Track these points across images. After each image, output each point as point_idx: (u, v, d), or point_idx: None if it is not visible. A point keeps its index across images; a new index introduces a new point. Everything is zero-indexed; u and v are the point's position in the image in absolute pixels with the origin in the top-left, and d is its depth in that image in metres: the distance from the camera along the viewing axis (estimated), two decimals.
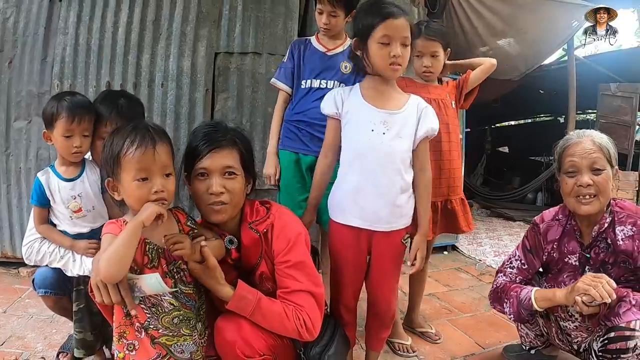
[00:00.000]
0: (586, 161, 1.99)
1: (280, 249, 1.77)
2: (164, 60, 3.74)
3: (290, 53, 2.73)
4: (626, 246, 1.99)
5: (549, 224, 2.24)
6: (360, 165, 1.95)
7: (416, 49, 2.48)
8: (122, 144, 1.53)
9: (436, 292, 3.72)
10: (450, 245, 5.18)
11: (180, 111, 3.78)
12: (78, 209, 2.04)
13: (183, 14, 3.75)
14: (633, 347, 1.81)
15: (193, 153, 1.74)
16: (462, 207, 2.63)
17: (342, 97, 2.02)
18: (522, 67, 6.32)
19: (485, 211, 8.20)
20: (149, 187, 1.53)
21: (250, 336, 1.65)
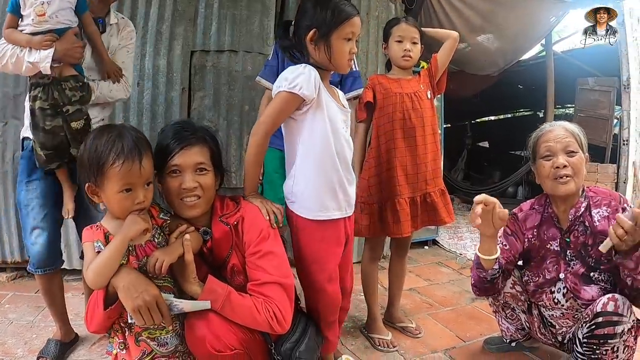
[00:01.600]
0: (560, 145, 2.07)
1: (251, 240, 1.79)
2: (140, 59, 3.69)
3: (275, 51, 2.73)
4: (602, 226, 2.03)
5: (527, 213, 2.29)
6: (337, 162, 1.95)
7: (397, 33, 2.53)
8: (108, 156, 1.56)
9: (417, 286, 3.73)
10: (430, 239, 5.21)
11: (156, 110, 3.74)
12: (42, 13, 2.04)
13: (159, 13, 3.71)
14: (620, 332, 1.84)
15: (164, 151, 1.76)
16: (442, 199, 2.63)
17: (318, 83, 1.89)
18: (501, 62, 6.36)
19: (467, 205, 8.25)
20: (132, 198, 1.61)
21: (221, 331, 1.66)
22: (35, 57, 2.04)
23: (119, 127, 1.68)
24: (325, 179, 1.95)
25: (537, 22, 5.71)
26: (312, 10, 1.90)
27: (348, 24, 1.84)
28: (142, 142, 1.65)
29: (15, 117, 3.42)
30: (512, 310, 2.39)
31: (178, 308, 1.63)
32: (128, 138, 1.60)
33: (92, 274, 1.53)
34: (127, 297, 1.53)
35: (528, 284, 2.27)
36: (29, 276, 3.53)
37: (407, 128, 2.51)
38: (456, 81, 6.95)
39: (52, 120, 2.09)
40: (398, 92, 2.49)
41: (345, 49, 1.87)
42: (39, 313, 2.90)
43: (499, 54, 6.17)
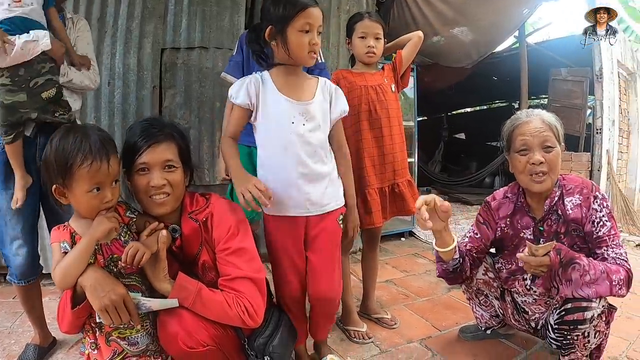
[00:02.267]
0: (537, 139, 2.03)
1: (221, 236, 1.79)
2: (110, 58, 3.66)
3: (239, 46, 2.73)
4: (575, 214, 2.04)
5: (500, 202, 2.29)
6: (287, 157, 1.94)
7: (360, 29, 2.52)
8: (76, 156, 1.56)
9: (393, 278, 3.74)
10: (407, 231, 5.26)
11: (127, 109, 3.70)
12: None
13: (128, 11, 3.68)
14: (590, 317, 1.84)
15: (132, 149, 1.75)
16: (410, 189, 2.64)
17: (256, 87, 1.96)
18: (475, 54, 6.39)
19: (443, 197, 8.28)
20: (101, 198, 1.62)
21: (192, 327, 1.65)
22: (32, 35, 2.02)
23: (84, 128, 1.69)
24: (274, 177, 1.96)
25: (510, 14, 5.72)
26: (268, 8, 1.91)
27: (302, 15, 1.82)
28: (108, 141, 1.66)
29: None
30: (485, 297, 2.41)
31: (146, 307, 1.62)
32: (94, 138, 1.60)
33: (59, 275, 1.54)
34: (94, 297, 1.52)
35: (501, 271, 2.29)
36: (5, 282, 3.45)
37: (372, 119, 2.51)
38: (431, 74, 7.01)
39: (12, 95, 2.04)
40: (362, 85, 2.49)
41: (303, 41, 1.85)
42: (16, 319, 2.86)
43: (473, 46, 6.19)
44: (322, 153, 2.01)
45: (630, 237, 5.53)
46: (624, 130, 7.72)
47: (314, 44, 1.87)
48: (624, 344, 2.55)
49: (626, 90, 8.07)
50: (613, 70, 6.77)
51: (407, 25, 5.61)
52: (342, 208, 2.14)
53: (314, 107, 1.99)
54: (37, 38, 2.03)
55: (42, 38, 2.05)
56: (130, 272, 1.69)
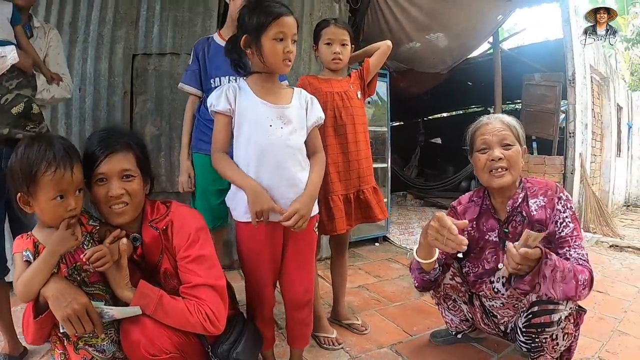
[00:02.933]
0: (496, 137, 2.08)
1: (181, 244, 1.79)
2: (81, 63, 3.65)
3: (194, 55, 2.72)
4: (539, 215, 2.06)
5: (465, 206, 2.31)
6: (266, 162, 1.93)
7: (326, 36, 2.52)
8: (40, 164, 1.55)
9: (366, 283, 3.74)
10: (381, 236, 5.26)
11: (99, 115, 3.69)
12: None
13: (100, 16, 3.68)
14: (557, 320, 1.86)
15: (90, 159, 1.74)
16: (375, 196, 2.64)
17: (234, 93, 1.99)
18: (449, 60, 6.46)
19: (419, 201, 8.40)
20: (65, 206, 1.60)
21: (155, 335, 1.65)
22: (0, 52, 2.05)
23: (49, 137, 1.67)
24: None
25: (484, 20, 5.79)
26: (243, 18, 1.93)
27: (275, 24, 1.85)
28: (72, 150, 1.65)
29: None
30: (453, 302, 2.41)
31: (109, 315, 1.62)
32: (58, 146, 1.60)
33: (21, 287, 1.54)
34: (56, 307, 1.51)
35: (468, 275, 2.29)
36: None
37: (337, 126, 2.51)
38: (406, 79, 7.05)
39: None
40: (328, 91, 2.48)
41: (276, 49, 1.87)
42: None
43: (447, 52, 6.25)
44: (300, 158, 2.02)
45: (604, 239, 5.61)
46: (597, 134, 7.85)
47: (288, 52, 1.89)
48: (596, 344, 2.58)
49: (599, 95, 8.20)
50: (586, 75, 6.87)
51: (382, 31, 5.64)
52: (316, 216, 2.15)
53: (291, 111, 2.01)
54: (4, 54, 2.06)
55: (10, 53, 2.08)
56: (94, 281, 1.69)
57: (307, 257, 2.15)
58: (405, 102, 8.76)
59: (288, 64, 1.93)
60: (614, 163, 8.95)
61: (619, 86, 9.64)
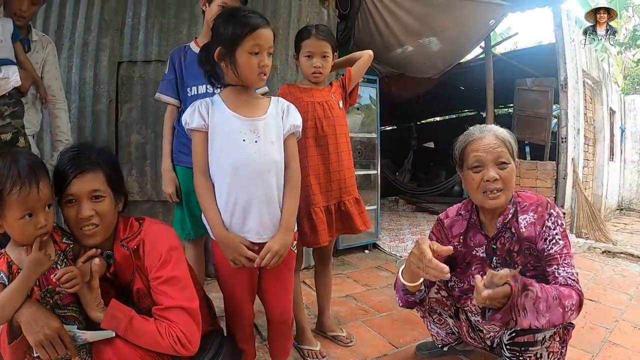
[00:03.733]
0: (491, 156, 1.99)
1: (152, 265, 1.75)
2: (67, 71, 3.65)
3: (170, 64, 2.70)
4: (529, 232, 2.01)
5: (453, 219, 2.25)
6: (238, 178, 1.90)
7: (306, 49, 2.47)
8: (5, 183, 1.51)
9: (354, 292, 3.70)
10: (371, 243, 5.21)
11: (84, 124, 3.68)
12: None
13: (85, 23, 3.69)
14: (541, 339, 1.82)
15: (60, 178, 1.71)
16: (357, 207, 2.60)
17: (207, 108, 1.95)
18: (441, 65, 6.43)
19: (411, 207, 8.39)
20: (34, 224, 1.57)
21: (126, 355, 1.62)
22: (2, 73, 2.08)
23: (12, 154, 1.62)
24: (220, 200, 1.93)
25: (475, 25, 5.75)
26: (218, 28, 1.88)
27: (251, 37, 1.80)
28: (38, 165, 1.61)
29: None
30: (439, 315, 2.37)
31: (82, 339, 1.59)
32: (23, 163, 1.56)
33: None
34: (29, 332, 1.49)
35: (453, 290, 2.25)
36: None
37: (318, 136, 2.46)
38: (398, 84, 7.05)
39: None
40: (309, 101, 2.44)
41: (251, 63, 1.83)
42: None
43: (439, 56, 6.22)
44: (278, 174, 1.97)
45: (597, 244, 5.58)
46: (589, 139, 7.84)
47: (264, 66, 1.85)
48: (586, 356, 2.54)
49: (592, 99, 8.20)
50: (578, 80, 6.86)
51: (372, 36, 5.62)
52: (295, 233, 2.09)
53: (266, 123, 1.96)
54: (7, 75, 2.08)
55: (12, 75, 2.10)
56: (68, 302, 1.65)
57: (283, 277, 2.12)
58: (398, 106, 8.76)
59: (263, 78, 1.89)
60: (606, 167, 8.96)
61: (612, 90, 9.65)
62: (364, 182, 5.31)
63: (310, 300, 3.24)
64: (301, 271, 2.80)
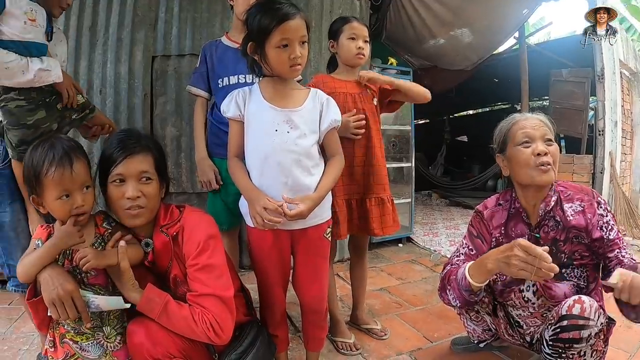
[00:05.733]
0: (539, 132, 1.99)
1: (190, 252, 1.77)
2: (102, 66, 3.70)
3: (202, 57, 2.73)
4: (577, 221, 1.97)
5: (492, 210, 2.21)
6: (270, 167, 1.91)
7: (351, 31, 2.47)
8: (42, 165, 1.61)
9: (388, 286, 3.68)
10: (405, 237, 5.18)
11: (119, 117, 3.71)
12: (33, 19, 2.02)
13: (119, 19, 3.71)
14: (587, 336, 1.75)
15: (108, 160, 1.75)
16: (379, 209, 2.54)
17: (244, 98, 1.98)
18: (474, 57, 6.35)
19: (444, 201, 8.30)
20: (70, 204, 1.64)
21: (159, 338, 1.68)
22: (45, 64, 2.05)
23: (53, 139, 1.70)
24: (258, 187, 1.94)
25: (508, 15, 5.66)
26: (248, 22, 1.88)
27: (278, 31, 1.78)
28: (75, 149, 1.69)
29: None
30: (476, 313, 2.32)
31: (94, 304, 1.63)
32: (59, 147, 1.65)
33: (20, 267, 1.61)
34: (44, 289, 1.56)
35: (495, 283, 2.19)
36: (1, 288, 3.46)
37: None
38: (430, 77, 6.96)
39: (33, 114, 2.08)
40: (342, 92, 2.43)
41: (281, 57, 1.82)
42: (10, 325, 2.87)
43: (472, 48, 6.15)
44: (308, 163, 1.95)
45: (634, 241, 5.45)
46: (627, 132, 7.63)
47: (295, 57, 1.82)
48: (623, 356, 2.48)
49: (629, 91, 7.97)
50: (615, 71, 6.67)
51: (404, 28, 5.59)
52: (328, 221, 2.10)
53: (301, 114, 1.95)
54: (50, 68, 2.06)
55: (55, 68, 2.09)
56: (93, 283, 1.70)
57: (317, 265, 2.13)
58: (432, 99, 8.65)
59: (297, 69, 1.88)
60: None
61: None
62: (398, 175, 5.30)
63: (344, 293, 3.24)
64: (335, 264, 2.79)
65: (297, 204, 1.86)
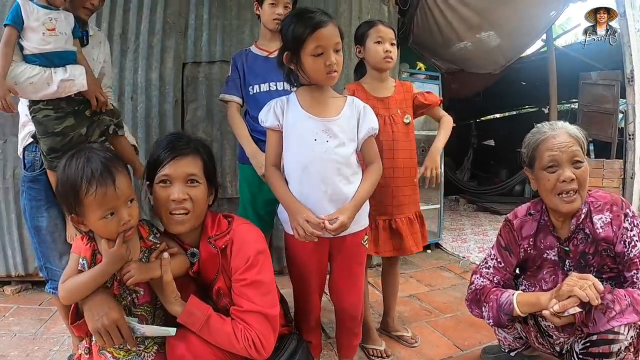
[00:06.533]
0: (566, 155, 1.91)
1: (238, 266, 1.74)
2: (132, 73, 3.74)
3: (233, 66, 2.75)
4: (606, 233, 1.92)
5: (522, 220, 2.17)
6: (309, 176, 1.92)
7: (377, 34, 2.47)
8: (80, 183, 1.51)
9: (417, 292, 3.67)
10: (433, 243, 5.15)
11: (150, 123, 3.77)
12: (52, 28, 2.01)
13: (149, 26, 3.76)
14: (617, 351, 1.74)
15: (156, 161, 1.74)
16: (409, 227, 2.56)
17: (282, 107, 1.99)
18: (501, 60, 6.30)
19: (472, 206, 8.20)
20: (117, 221, 1.56)
21: (200, 351, 1.66)
22: (68, 73, 2.04)
23: (88, 151, 1.60)
24: (297, 197, 1.95)
25: (535, 17, 5.61)
26: (283, 31, 1.91)
27: (312, 38, 1.80)
28: (113, 160, 1.61)
29: (14, 135, 3.46)
30: None
31: (140, 332, 1.62)
32: (96, 161, 1.55)
33: (64, 292, 1.56)
34: (89, 319, 1.55)
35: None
36: (32, 289, 3.67)
37: None
38: (457, 80, 6.92)
39: (61, 122, 2.08)
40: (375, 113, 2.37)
41: (317, 64, 1.84)
42: (41, 325, 2.93)
43: (499, 51, 6.10)
44: (347, 172, 1.96)
45: None
46: None
47: (330, 64, 1.83)
48: None
49: None
50: None
51: (431, 32, 5.57)
52: (366, 229, 2.11)
53: (339, 123, 1.96)
54: (73, 77, 2.05)
55: (79, 77, 2.07)
56: (143, 302, 1.70)
57: (354, 271, 2.14)
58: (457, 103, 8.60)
59: (333, 76, 1.88)
60: None
61: None
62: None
63: (373, 299, 3.23)
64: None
65: (337, 218, 1.86)
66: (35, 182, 2.28)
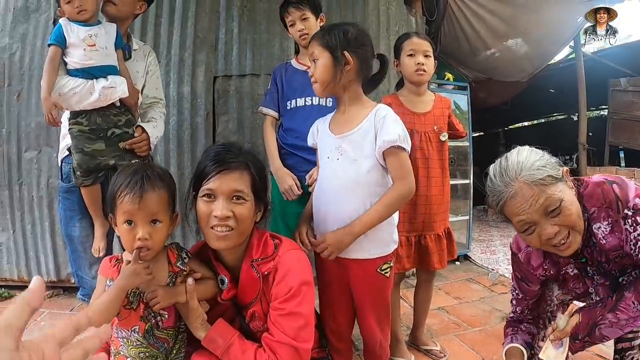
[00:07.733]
0: (537, 213, 1.68)
1: (279, 295, 1.65)
2: (164, 86, 3.74)
3: (273, 79, 2.78)
4: (610, 244, 1.78)
5: (527, 252, 2.05)
6: (322, 195, 1.94)
7: (408, 47, 2.51)
8: (119, 186, 1.58)
9: (445, 305, 3.65)
10: (462, 255, 5.10)
11: (182, 136, 3.84)
12: (92, 44, 2.12)
13: (180, 40, 3.84)
14: (638, 344, 1.88)
15: (201, 173, 1.66)
16: (437, 244, 2.58)
17: (318, 127, 2.05)
18: (529, 67, 6.25)
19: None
20: (134, 233, 1.56)
21: None
22: (110, 81, 2.14)
23: (142, 165, 1.70)
24: (314, 213, 2.01)
25: (562, 24, 5.58)
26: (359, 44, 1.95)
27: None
28: (157, 178, 1.61)
29: (49, 145, 3.67)
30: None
31: None
32: (140, 173, 1.59)
33: (95, 314, 1.52)
34: None
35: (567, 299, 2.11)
36: (64, 294, 3.78)
37: None
38: (485, 89, 6.88)
39: (92, 143, 2.17)
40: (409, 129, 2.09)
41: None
42: None
43: (527, 59, 6.06)
44: (360, 192, 1.87)
45: None
46: None
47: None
48: None
49: None
50: None
51: (458, 41, 5.56)
52: (386, 257, 1.98)
53: (351, 139, 1.89)
54: (114, 85, 2.15)
55: (120, 85, 2.17)
56: (167, 327, 1.70)
57: (368, 301, 2.03)
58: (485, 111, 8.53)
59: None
60: None
61: None
62: (455, 192, 5.22)
63: (402, 312, 3.22)
64: None
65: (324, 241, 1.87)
66: (70, 193, 2.35)
